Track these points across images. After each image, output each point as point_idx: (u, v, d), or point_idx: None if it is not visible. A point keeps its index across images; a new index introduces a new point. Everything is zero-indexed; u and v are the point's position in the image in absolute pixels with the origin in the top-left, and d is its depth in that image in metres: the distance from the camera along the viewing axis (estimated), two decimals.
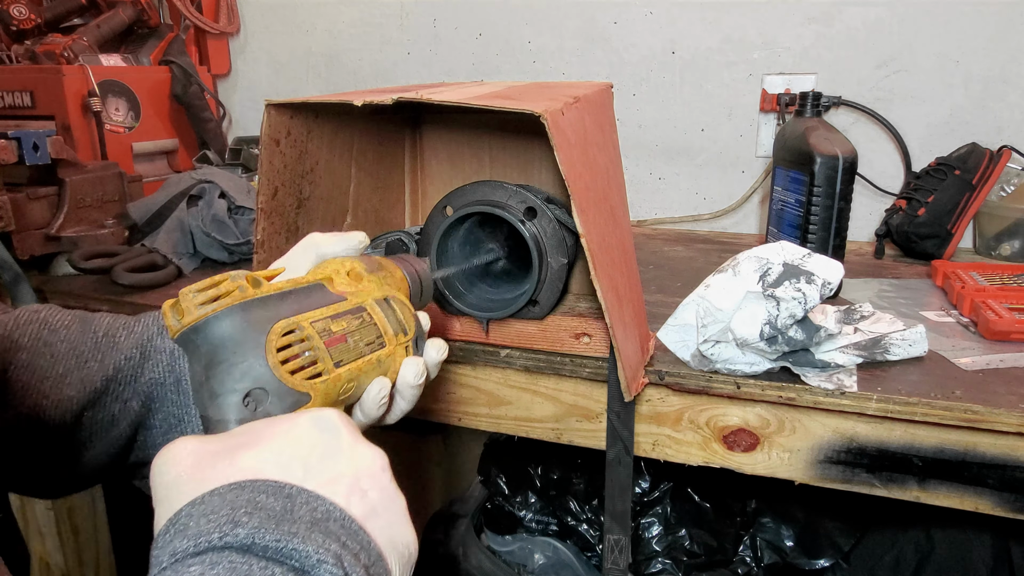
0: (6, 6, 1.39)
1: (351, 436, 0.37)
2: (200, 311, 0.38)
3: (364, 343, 0.44)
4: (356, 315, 0.45)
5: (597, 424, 0.73)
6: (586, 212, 0.56)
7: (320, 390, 0.40)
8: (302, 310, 0.41)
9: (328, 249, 0.50)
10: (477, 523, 1.11)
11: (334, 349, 0.42)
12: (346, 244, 0.51)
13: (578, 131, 0.60)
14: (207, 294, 0.38)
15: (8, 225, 0.96)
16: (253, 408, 0.38)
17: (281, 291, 0.41)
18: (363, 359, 0.44)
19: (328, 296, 0.44)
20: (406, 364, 0.48)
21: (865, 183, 1.21)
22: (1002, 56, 1.12)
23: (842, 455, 0.65)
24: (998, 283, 0.87)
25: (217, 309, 0.38)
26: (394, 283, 0.51)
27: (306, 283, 0.44)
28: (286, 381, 0.38)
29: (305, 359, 0.40)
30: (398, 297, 0.49)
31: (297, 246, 0.51)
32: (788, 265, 0.64)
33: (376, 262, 0.50)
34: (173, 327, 0.38)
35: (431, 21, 1.46)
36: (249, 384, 0.38)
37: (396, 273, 0.52)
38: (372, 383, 0.45)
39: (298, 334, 0.40)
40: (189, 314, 0.38)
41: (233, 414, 0.37)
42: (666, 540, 1.06)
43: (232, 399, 0.37)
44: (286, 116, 0.66)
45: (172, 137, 1.47)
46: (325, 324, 0.42)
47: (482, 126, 0.85)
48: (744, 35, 1.25)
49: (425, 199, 0.92)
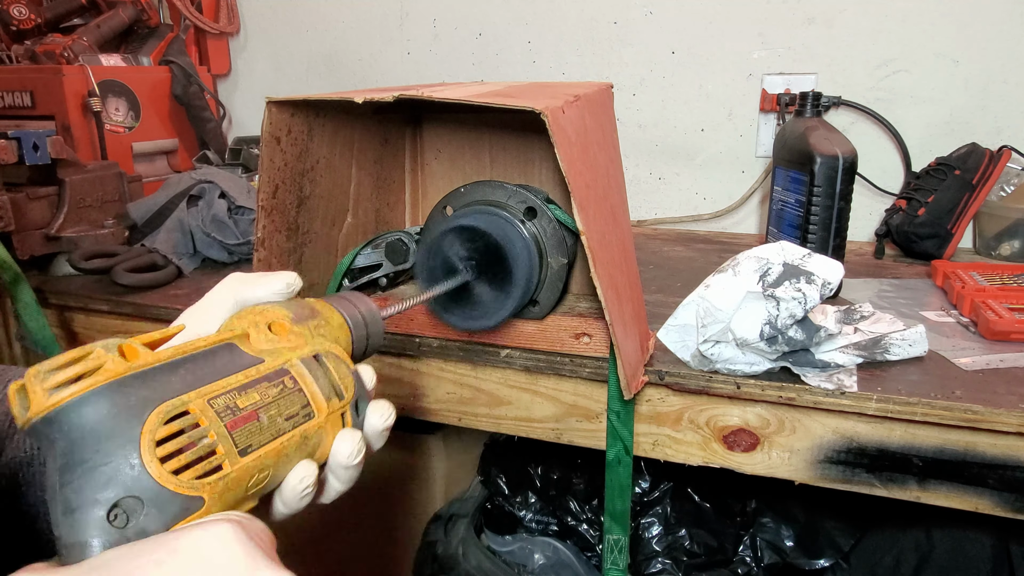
0: (6, 6, 1.39)
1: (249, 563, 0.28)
2: (52, 397, 0.29)
3: (284, 417, 0.35)
4: (275, 382, 0.36)
5: (597, 424, 0.73)
6: (586, 210, 0.56)
7: (217, 489, 0.31)
8: (199, 382, 0.33)
9: (248, 294, 0.41)
10: (477, 523, 1.11)
11: (240, 432, 0.33)
12: (271, 288, 0.41)
13: (578, 129, 0.60)
14: (65, 373, 0.29)
15: (8, 225, 0.96)
16: (123, 523, 0.29)
17: (170, 360, 0.32)
18: (282, 437, 0.35)
19: (239, 359, 0.35)
20: (339, 439, 0.39)
21: (865, 183, 1.21)
22: (1002, 56, 1.12)
23: (842, 455, 0.65)
24: (998, 283, 0.87)
25: (76, 393, 0.29)
26: (330, 332, 0.41)
27: (208, 345, 0.35)
28: (167, 484, 0.30)
29: (196, 451, 0.31)
30: (333, 352, 0.40)
31: (211, 291, 0.41)
32: (788, 265, 0.64)
33: (308, 307, 0.41)
34: (20, 418, 0.30)
35: (431, 21, 1.46)
36: (116, 493, 0.29)
37: (334, 319, 0.42)
38: (293, 470, 0.36)
39: (189, 419, 0.31)
40: (37, 401, 0.29)
41: (95, 534, 0.29)
42: (666, 540, 1.06)
43: (94, 513, 0.29)
44: (287, 114, 0.66)
45: (172, 137, 1.47)
46: (229, 399, 0.33)
47: (483, 126, 0.85)
48: (744, 35, 1.25)
49: (425, 199, 0.92)
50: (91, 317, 0.97)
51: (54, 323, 0.99)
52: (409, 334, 0.76)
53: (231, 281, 0.42)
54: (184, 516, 0.30)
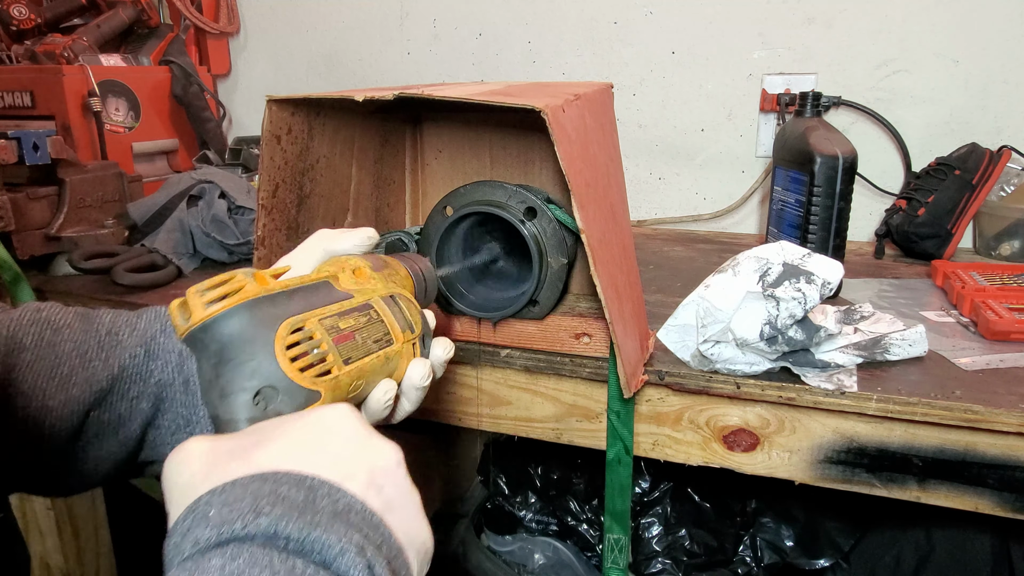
0: (6, 6, 1.39)
1: (365, 431, 0.36)
2: (208, 310, 0.37)
3: (372, 340, 0.44)
4: (363, 312, 0.44)
5: (597, 424, 0.73)
6: (586, 208, 0.56)
7: (330, 387, 0.39)
8: (309, 308, 0.41)
9: (335, 246, 0.50)
10: (477, 523, 1.11)
11: (343, 346, 0.41)
12: (353, 241, 0.50)
13: (578, 127, 0.60)
14: (215, 292, 0.37)
15: (8, 225, 0.96)
16: (264, 407, 0.37)
17: (288, 289, 0.40)
18: (371, 356, 0.43)
19: (334, 294, 0.44)
20: (413, 365, 0.47)
21: (865, 183, 1.21)
22: (1002, 56, 1.12)
23: (842, 455, 0.65)
24: (998, 283, 0.87)
25: (225, 307, 0.37)
26: (399, 281, 0.50)
27: (312, 281, 0.43)
28: (296, 379, 0.38)
29: (314, 356, 0.39)
30: (404, 295, 0.49)
31: (304, 243, 0.50)
32: (788, 265, 0.64)
33: (381, 260, 0.50)
34: (180, 327, 0.38)
35: (431, 21, 1.46)
36: (259, 382, 0.37)
37: (401, 271, 0.51)
38: (378, 385, 0.45)
39: (306, 332, 0.39)
40: (197, 313, 0.37)
41: (244, 413, 0.37)
42: (666, 540, 1.06)
43: (243, 398, 0.37)
44: (287, 112, 0.66)
45: (172, 137, 1.47)
46: (333, 321, 0.41)
47: (483, 126, 0.85)
48: (744, 35, 1.25)
49: (426, 199, 0.92)
50: None
51: None
52: None
53: (320, 235, 0.51)
54: (307, 405, 0.38)
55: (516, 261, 0.77)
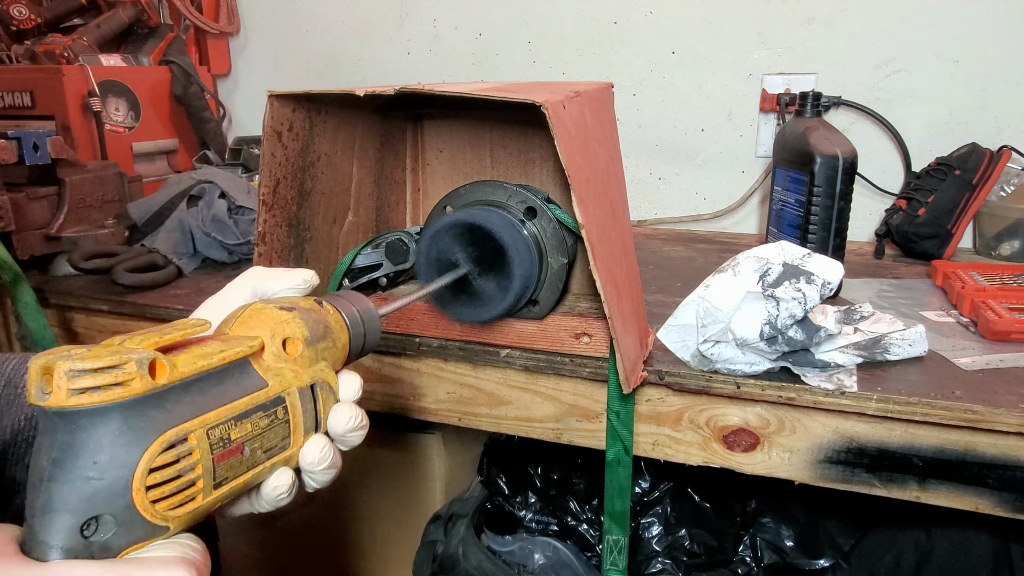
0: (6, 6, 1.39)
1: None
2: (72, 399, 0.30)
3: (263, 450, 0.37)
4: (269, 413, 0.38)
5: (597, 424, 0.73)
6: (585, 204, 0.56)
7: (183, 520, 0.33)
8: (204, 406, 0.34)
9: (267, 287, 0.44)
10: (477, 523, 1.11)
11: (223, 465, 0.35)
12: (288, 283, 0.44)
13: (579, 124, 0.60)
14: (94, 379, 0.30)
15: (8, 225, 0.96)
16: (89, 535, 0.30)
17: (187, 379, 0.34)
18: (255, 470, 0.37)
19: (246, 381, 0.37)
20: (306, 446, 0.40)
21: (865, 183, 1.21)
22: (1002, 56, 1.12)
23: (842, 455, 0.65)
24: (998, 283, 0.87)
25: (96, 402, 0.30)
26: (334, 354, 0.43)
27: (224, 362, 0.36)
28: (144, 512, 0.31)
29: (178, 485, 0.32)
30: (327, 382, 0.42)
31: (235, 280, 0.45)
32: (788, 265, 0.64)
33: (322, 325, 0.42)
34: (35, 396, 0.30)
35: (431, 21, 1.46)
36: (96, 510, 0.30)
37: (340, 339, 0.44)
38: (270, 478, 0.39)
39: (184, 449, 0.33)
40: (57, 395, 0.30)
41: (61, 540, 0.30)
42: (666, 540, 1.06)
43: (68, 521, 0.30)
44: (288, 108, 0.66)
45: (172, 137, 1.47)
46: (225, 430, 0.35)
47: (484, 125, 0.85)
48: (744, 35, 1.25)
49: (426, 198, 0.92)
50: (91, 317, 0.97)
51: (54, 323, 0.99)
52: (409, 334, 0.76)
53: (252, 274, 0.45)
54: (145, 539, 0.32)
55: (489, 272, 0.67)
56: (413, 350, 0.77)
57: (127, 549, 0.31)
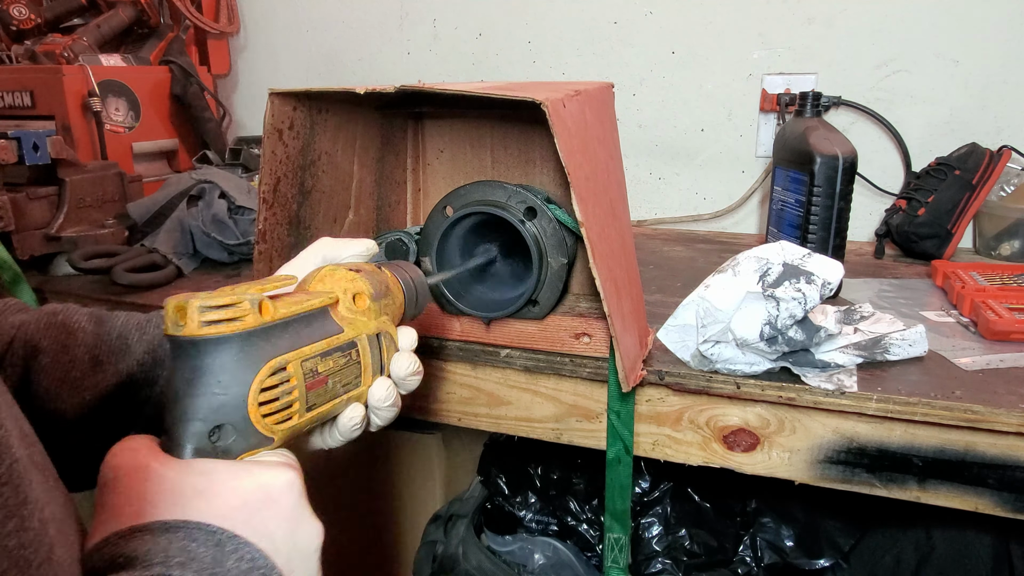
0: (6, 6, 1.39)
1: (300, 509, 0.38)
2: (202, 329, 0.36)
3: (342, 384, 0.45)
4: (345, 353, 0.45)
5: (597, 424, 0.73)
6: (585, 201, 0.56)
7: (284, 435, 0.40)
8: (298, 343, 0.41)
9: (335, 254, 0.52)
10: (477, 523, 1.11)
11: (312, 393, 0.42)
12: (353, 250, 0.52)
13: (579, 122, 0.60)
14: (218, 314, 0.37)
15: (8, 225, 0.96)
16: (215, 440, 0.37)
17: (285, 319, 0.41)
18: (335, 401, 0.44)
19: (327, 327, 0.44)
20: (375, 385, 0.48)
21: (865, 183, 1.21)
22: (1002, 56, 1.12)
23: (842, 455, 0.65)
24: (998, 283, 0.87)
25: (220, 332, 0.37)
26: (393, 310, 0.51)
27: (311, 308, 0.43)
28: (256, 424, 0.38)
29: (281, 404, 0.40)
30: (390, 334, 0.50)
31: (307, 249, 0.53)
32: (788, 265, 0.64)
33: (383, 285, 0.50)
34: (170, 328, 0.37)
35: (431, 21, 1.46)
36: (221, 419, 0.37)
37: (398, 298, 0.52)
38: (345, 410, 0.46)
39: (285, 375, 0.40)
40: (191, 326, 0.36)
41: (194, 442, 0.37)
42: (666, 540, 1.06)
43: (199, 428, 0.37)
44: (289, 107, 0.66)
45: (172, 137, 1.47)
46: (314, 364, 0.42)
47: (485, 125, 0.85)
48: (744, 35, 1.25)
49: (427, 198, 0.92)
50: None
51: None
52: None
53: (323, 243, 0.53)
54: (256, 447, 0.39)
55: (515, 261, 0.77)
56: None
57: (243, 454, 0.38)
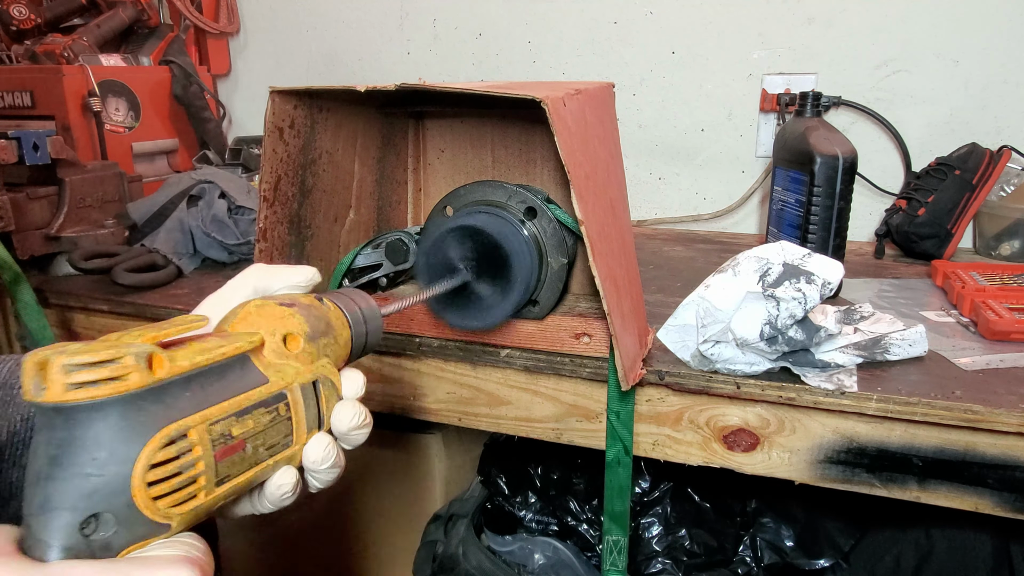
0: (6, 6, 1.39)
1: None
2: (70, 393, 0.29)
3: (266, 447, 0.37)
4: (270, 409, 0.37)
5: (597, 424, 0.73)
6: (585, 200, 0.56)
7: (185, 519, 0.32)
8: (205, 402, 0.33)
9: (268, 284, 0.43)
10: (477, 523, 1.11)
11: (224, 463, 0.34)
12: (291, 280, 0.44)
13: (579, 121, 0.60)
14: (91, 373, 0.29)
15: (8, 225, 0.96)
16: (89, 533, 0.29)
17: (187, 373, 0.33)
18: (257, 468, 0.36)
19: (247, 377, 0.37)
20: (309, 445, 0.40)
21: (865, 183, 1.21)
22: (1002, 56, 1.12)
23: (842, 455, 0.65)
24: (998, 283, 0.87)
25: (94, 396, 0.29)
26: (336, 351, 0.42)
27: (223, 357, 0.35)
28: (145, 510, 0.30)
29: (180, 482, 0.32)
30: (330, 379, 0.41)
31: (236, 277, 0.44)
32: (788, 265, 0.64)
33: (323, 321, 0.42)
34: (32, 392, 0.29)
35: (431, 21, 1.46)
36: (96, 507, 0.29)
37: (342, 336, 0.43)
38: (273, 477, 0.38)
39: (185, 444, 0.32)
40: (54, 389, 0.29)
41: (61, 539, 0.29)
42: (666, 540, 1.06)
43: (67, 519, 0.29)
44: (290, 105, 0.66)
45: (172, 137, 1.47)
46: (226, 427, 0.34)
47: (485, 125, 0.85)
48: (744, 35, 1.25)
49: (427, 198, 0.92)
50: (91, 317, 0.97)
51: (54, 323, 0.99)
52: (409, 334, 0.76)
53: (253, 271, 0.44)
54: (147, 537, 0.31)
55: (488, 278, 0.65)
56: (413, 350, 0.77)
57: (128, 548, 0.31)
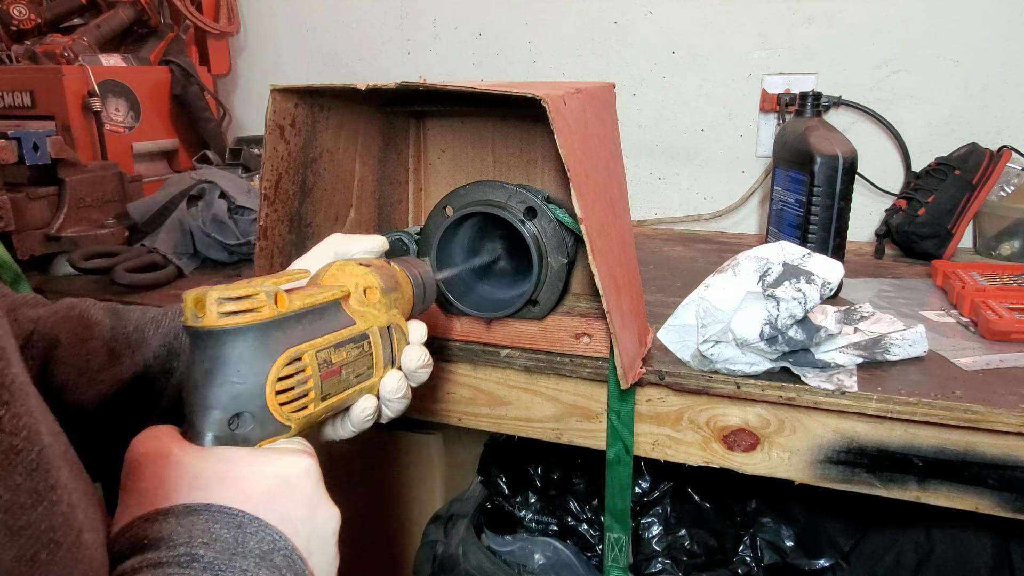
0: (6, 6, 1.39)
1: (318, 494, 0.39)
2: (220, 320, 0.38)
3: (355, 375, 0.46)
4: (358, 344, 0.46)
5: (597, 424, 0.73)
6: (585, 198, 0.56)
7: (301, 423, 0.42)
8: (313, 334, 0.43)
9: (346, 249, 0.54)
10: (477, 523, 1.11)
11: (327, 382, 0.43)
12: (365, 246, 0.54)
13: (579, 120, 0.60)
14: (236, 305, 0.38)
15: (8, 225, 0.96)
16: (234, 428, 0.39)
17: (300, 311, 0.42)
18: (349, 391, 0.46)
19: (339, 319, 0.46)
20: (387, 377, 0.50)
21: (865, 183, 1.21)
22: (1002, 56, 1.12)
23: (842, 455, 0.65)
24: (998, 283, 0.87)
25: (238, 323, 0.38)
26: (403, 304, 0.53)
27: (324, 301, 0.45)
28: (274, 411, 0.40)
29: (297, 393, 0.41)
30: (401, 327, 0.51)
31: (319, 244, 0.55)
32: (788, 265, 0.64)
33: (393, 279, 0.52)
34: (189, 319, 0.38)
35: (431, 21, 1.46)
36: (240, 407, 0.38)
37: (407, 292, 0.53)
38: (358, 401, 0.48)
39: (300, 365, 0.41)
40: (209, 317, 0.38)
41: (214, 430, 0.38)
42: (666, 540, 1.06)
43: (218, 416, 0.38)
44: (291, 103, 0.66)
45: (172, 137, 1.47)
46: (328, 354, 0.43)
47: (486, 125, 0.85)
48: (744, 35, 1.25)
49: (428, 198, 0.92)
50: None
51: None
52: None
53: (334, 239, 0.55)
54: (274, 435, 0.40)
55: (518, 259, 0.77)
56: None
57: (262, 441, 0.40)
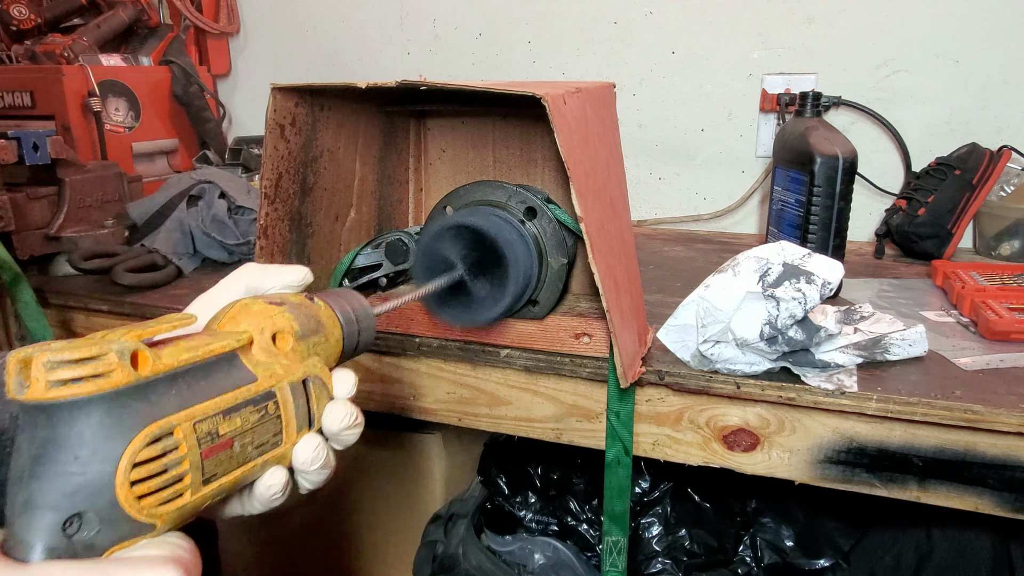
0: (6, 6, 1.39)
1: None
2: (52, 391, 0.28)
3: (254, 446, 0.36)
4: (259, 407, 0.36)
5: (597, 424, 0.73)
6: (585, 198, 0.56)
7: (169, 519, 0.31)
8: (192, 399, 0.33)
9: (261, 283, 0.43)
10: (477, 523, 1.11)
11: (210, 461, 0.33)
12: (283, 280, 0.43)
13: (579, 119, 0.60)
14: (73, 371, 0.29)
15: (8, 225, 0.96)
16: (72, 534, 0.29)
17: (173, 371, 0.32)
18: (245, 467, 0.35)
19: (235, 374, 0.36)
20: (299, 445, 0.39)
21: (865, 183, 1.21)
22: (1002, 56, 1.12)
23: (842, 455, 0.65)
24: (998, 283, 0.87)
25: (76, 394, 0.28)
26: (327, 349, 0.42)
27: (212, 354, 0.35)
28: (129, 509, 0.30)
29: (164, 481, 0.31)
30: (320, 378, 0.41)
31: (228, 276, 0.43)
32: (788, 265, 0.64)
33: (314, 318, 0.41)
34: (14, 390, 0.29)
35: (431, 21, 1.46)
36: (79, 505, 0.29)
37: (333, 334, 0.42)
38: (263, 477, 0.38)
39: (170, 443, 0.31)
40: (36, 387, 0.28)
41: (43, 539, 0.28)
42: (666, 540, 1.06)
43: (49, 519, 0.28)
44: (291, 103, 0.66)
45: (172, 137, 1.47)
46: (213, 424, 0.33)
47: (486, 125, 0.85)
48: (744, 35, 1.25)
49: (428, 198, 0.92)
50: (91, 317, 0.97)
51: (54, 323, 0.99)
52: (408, 334, 0.76)
53: (246, 270, 0.43)
54: (131, 538, 0.30)
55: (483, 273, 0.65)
56: (413, 350, 0.77)
57: (112, 548, 0.30)
